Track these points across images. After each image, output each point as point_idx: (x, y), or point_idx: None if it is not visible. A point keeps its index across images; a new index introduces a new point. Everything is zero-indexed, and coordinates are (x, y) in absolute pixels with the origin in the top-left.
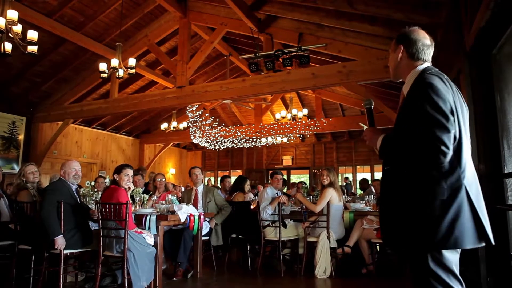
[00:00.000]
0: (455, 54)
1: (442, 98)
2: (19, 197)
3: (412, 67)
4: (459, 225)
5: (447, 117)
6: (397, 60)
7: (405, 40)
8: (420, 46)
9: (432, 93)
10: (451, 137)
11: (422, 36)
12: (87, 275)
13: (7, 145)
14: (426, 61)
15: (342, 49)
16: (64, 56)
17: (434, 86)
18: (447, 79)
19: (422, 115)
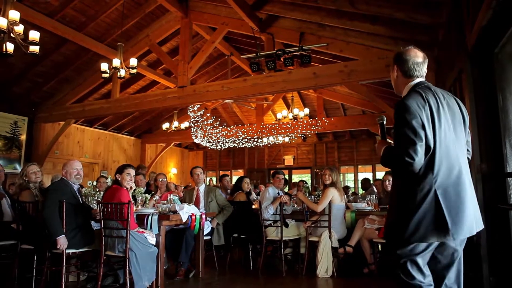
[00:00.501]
0: (457, 54)
1: (411, 114)
2: (21, 197)
3: (406, 83)
4: (426, 224)
5: (415, 132)
6: (395, 78)
7: (398, 60)
8: (411, 65)
9: (404, 111)
10: (417, 149)
11: (413, 55)
12: (89, 274)
13: (9, 145)
14: (418, 76)
15: (343, 49)
16: (65, 56)
17: (406, 105)
18: (433, 92)
19: (396, 130)
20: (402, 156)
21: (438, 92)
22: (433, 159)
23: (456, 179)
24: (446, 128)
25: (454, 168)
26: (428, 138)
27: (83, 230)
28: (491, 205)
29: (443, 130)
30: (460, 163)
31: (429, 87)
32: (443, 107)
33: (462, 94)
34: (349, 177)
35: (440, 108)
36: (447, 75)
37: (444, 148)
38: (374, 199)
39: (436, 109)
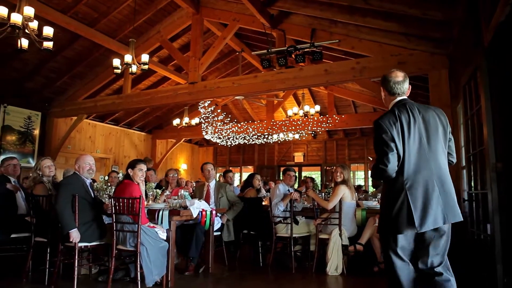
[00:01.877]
0: (472, 50)
1: (382, 130)
2: (35, 190)
3: (391, 100)
4: (400, 218)
5: (387, 145)
6: (383, 98)
7: (383, 81)
8: (393, 84)
9: (377, 128)
10: (389, 158)
11: (394, 75)
12: (100, 268)
13: (23, 139)
14: (400, 94)
15: (355, 45)
16: (78, 52)
17: (379, 123)
18: (408, 109)
19: (374, 145)
20: (378, 164)
21: (414, 107)
22: (403, 166)
23: (425, 181)
24: (416, 139)
25: (423, 172)
26: (398, 149)
27: (95, 224)
28: (505, 204)
29: (413, 141)
30: (431, 167)
31: (405, 105)
32: (415, 121)
33: (478, 92)
34: (359, 175)
35: (411, 122)
36: (462, 73)
37: (414, 156)
38: None
39: (407, 124)
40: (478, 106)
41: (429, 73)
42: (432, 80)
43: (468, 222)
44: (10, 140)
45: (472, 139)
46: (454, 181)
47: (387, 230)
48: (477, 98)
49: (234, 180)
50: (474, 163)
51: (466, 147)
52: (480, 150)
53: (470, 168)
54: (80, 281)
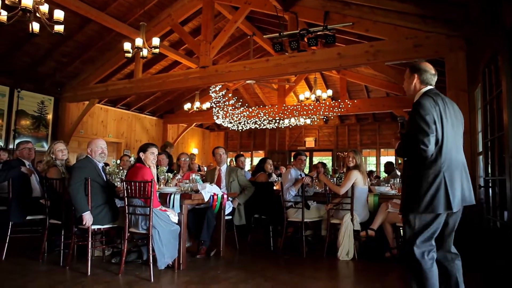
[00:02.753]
0: (493, 33)
1: (426, 111)
2: (49, 173)
3: (420, 89)
4: (437, 199)
5: (428, 125)
6: (411, 84)
7: (419, 70)
8: (429, 75)
9: (419, 108)
10: (430, 139)
11: (429, 68)
12: (113, 250)
13: (37, 124)
14: (430, 85)
15: (369, 28)
16: (89, 36)
17: (422, 104)
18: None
19: (413, 124)
20: (418, 144)
21: (444, 97)
22: (441, 149)
23: (455, 166)
24: (449, 126)
25: (454, 157)
26: (437, 132)
27: (108, 207)
28: None
29: (448, 127)
30: (457, 153)
31: (438, 94)
32: (448, 110)
33: (498, 76)
34: (370, 161)
35: (446, 110)
36: (481, 55)
37: (448, 141)
38: (398, 182)
39: (443, 110)
40: (498, 90)
41: (445, 56)
42: (449, 63)
43: (484, 209)
44: (24, 125)
45: (491, 125)
46: (470, 167)
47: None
48: (497, 81)
49: (245, 164)
50: (491, 149)
51: (483, 132)
52: (499, 135)
53: (488, 154)
54: (93, 262)
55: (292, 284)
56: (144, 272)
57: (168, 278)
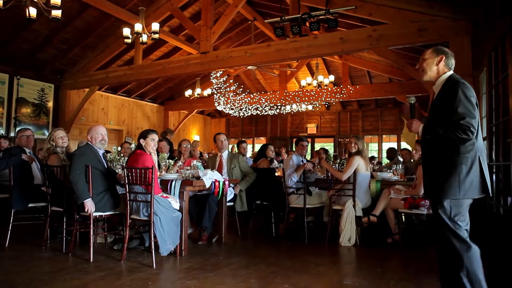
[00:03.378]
0: (500, 15)
1: (471, 94)
2: (50, 161)
3: (443, 72)
4: (475, 183)
5: (474, 108)
6: (436, 66)
7: (447, 53)
8: (453, 60)
9: (465, 89)
10: (477, 122)
11: (452, 53)
12: (116, 237)
13: (37, 111)
14: (452, 70)
15: (373, 12)
16: (88, 22)
17: (467, 85)
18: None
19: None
20: (465, 128)
21: None
22: (477, 133)
23: (483, 150)
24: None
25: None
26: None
27: (109, 194)
28: None
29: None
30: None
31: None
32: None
33: (505, 59)
34: (372, 147)
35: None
36: (487, 39)
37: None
38: (400, 169)
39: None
40: (504, 74)
41: (450, 40)
42: (454, 47)
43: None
44: (25, 112)
45: (496, 109)
46: None
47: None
48: (503, 65)
49: (247, 151)
50: (496, 134)
51: (488, 117)
52: (504, 120)
53: (492, 139)
54: (96, 249)
55: (294, 270)
56: (146, 259)
57: (170, 265)
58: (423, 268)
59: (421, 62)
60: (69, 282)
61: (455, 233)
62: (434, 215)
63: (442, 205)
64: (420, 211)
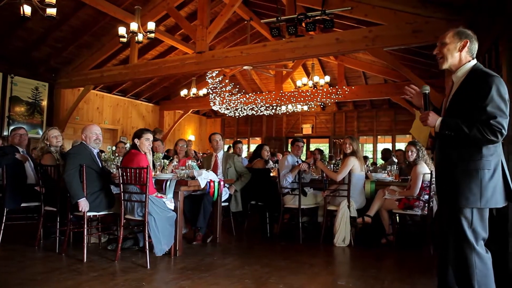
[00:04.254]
0: (494, 17)
1: (505, 90)
2: (43, 160)
3: (466, 60)
4: (499, 189)
5: (507, 106)
6: (457, 51)
7: (471, 38)
8: (476, 46)
9: (500, 85)
10: (507, 122)
11: (475, 37)
12: (110, 237)
13: (31, 110)
14: (474, 58)
15: (368, 13)
16: (83, 21)
17: (500, 80)
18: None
19: (490, 102)
20: (497, 128)
21: None
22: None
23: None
24: None
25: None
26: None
27: (103, 193)
28: None
29: None
30: None
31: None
32: None
33: (498, 61)
34: (367, 148)
35: None
36: (481, 40)
37: None
38: (394, 169)
39: None
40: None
41: None
42: None
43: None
44: (18, 111)
45: None
46: None
47: (481, 204)
48: (497, 67)
49: (243, 151)
50: None
51: None
52: None
53: None
54: (90, 249)
55: (288, 270)
56: (141, 259)
57: (165, 265)
58: (417, 269)
59: (440, 47)
60: (63, 283)
61: (473, 245)
62: (452, 223)
63: (462, 213)
64: (414, 211)
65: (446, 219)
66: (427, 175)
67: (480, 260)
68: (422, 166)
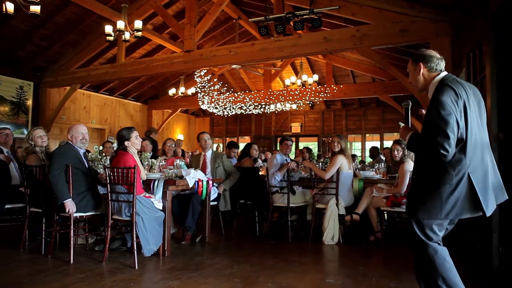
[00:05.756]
0: (479, 17)
1: (447, 111)
2: (28, 161)
3: (432, 78)
4: (460, 203)
5: (450, 128)
6: (420, 76)
7: (423, 58)
8: (436, 60)
9: (440, 108)
10: (451, 143)
11: (434, 52)
12: (97, 238)
13: (16, 110)
14: (442, 71)
15: (356, 12)
16: (68, 19)
17: (442, 102)
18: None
19: (432, 123)
20: (437, 149)
21: (464, 84)
22: (465, 147)
23: (482, 161)
24: (474, 117)
25: (480, 152)
26: (460, 131)
27: (90, 194)
28: (506, 175)
29: (473, 120)
30: (484, 145)
31: (457, 80)
32: (470, 98)
33: (482, 61)
34: (356, 146)
35: (469, 99)
36: (466, 40)
37: (474, 136)
38: (382, 167)
39: (467, 101)
40: (482, 75)
41: (430, 41)
42: (434, 48)
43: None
44: (2, 111)
45: None
46: None
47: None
48: (481, 66)
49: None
50: None
51: None
52: None
53: None
54: (76, 250)
55: (277, 268)
56: (129, 259)
57: (153, 265)
58: (404, 265)
59: (409, 77)
60: (49, 285)
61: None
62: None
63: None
64: (401, 209)
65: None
66: None
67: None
68: (409, 164)
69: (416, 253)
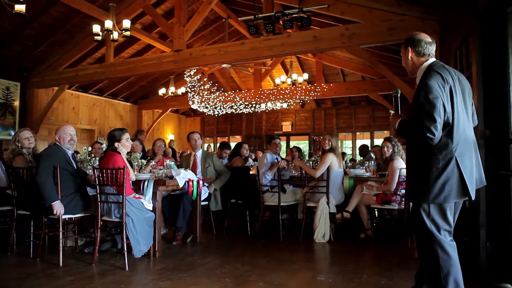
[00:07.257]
0: (466, 15)
1: (434, 94)
2: (15, 162)
3: (421, 63)
4: (448, 186)
5: (437, 111)
6: (409, 60)
7: (411, 42)
8: (424, 44)
9: (427, 92)
10: (437, 126)
11: (424, 36)
12: (87, 239)
13: (2, 111)
14: (430, 55)
15: (345, 11)
16: (55, 18)
17: (429, 86)
18: (449, 72)
19: (419, 108)
20: (424, 132)
21: (451, 70)
22: (451, 131)
23: (468, 146)
24: (460, 103)
25: (466, 137)
26: (447, 115)
27: (79, 195)
28: (492, 171)
29: (459, 105)
30: (468, 131)
31: (444, 66)
32: (456, 84)
33: (469, 58)
34: (347, 144)
35: (456, 85)
36: (453, 38)
37: (460, 122)
38: (372, 165)
39: (454, 87)
40: (468, 72)
41: None
42: None
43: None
44: None
45: None
46: None
47: (428, 200)
48: (467, 64)
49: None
50: None
51: None
52: None
53: None
54: (66, 253)
55: (269, 267)
56: (119, 261)
57: (144, 266)
58: (395, 262)
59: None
60: None
61: (434, 234)
62: (413, 215)
63: (421, 205)
64: (391, 206)
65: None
66: (403, 170)
67: (441, 249)
68: (399, 161)
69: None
